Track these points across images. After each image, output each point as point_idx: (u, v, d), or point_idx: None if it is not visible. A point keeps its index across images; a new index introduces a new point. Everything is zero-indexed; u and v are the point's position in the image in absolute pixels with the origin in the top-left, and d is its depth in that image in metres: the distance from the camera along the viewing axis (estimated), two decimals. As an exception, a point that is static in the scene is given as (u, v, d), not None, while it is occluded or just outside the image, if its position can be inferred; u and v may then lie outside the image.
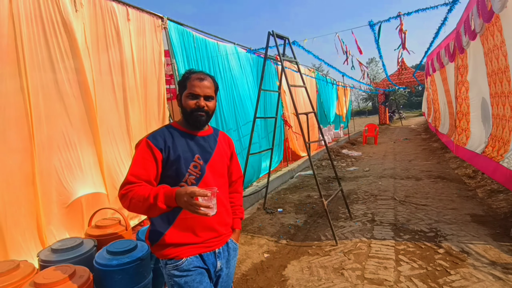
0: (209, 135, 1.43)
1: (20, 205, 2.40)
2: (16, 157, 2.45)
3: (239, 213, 1.56)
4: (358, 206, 4.37)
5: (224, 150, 1.47)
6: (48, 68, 2.75)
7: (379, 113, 21.66)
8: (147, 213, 1.21)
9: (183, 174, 1.28)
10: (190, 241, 1.30)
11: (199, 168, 1.32)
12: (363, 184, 5.68)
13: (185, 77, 1.37)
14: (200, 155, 1.34)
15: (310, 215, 4.24)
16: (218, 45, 5.24)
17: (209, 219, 1.30)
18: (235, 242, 1.47)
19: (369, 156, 8.98)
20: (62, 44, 2.85)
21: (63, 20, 2.86)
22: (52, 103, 2.77)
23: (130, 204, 1.18)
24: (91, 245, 1.90)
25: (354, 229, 3.54)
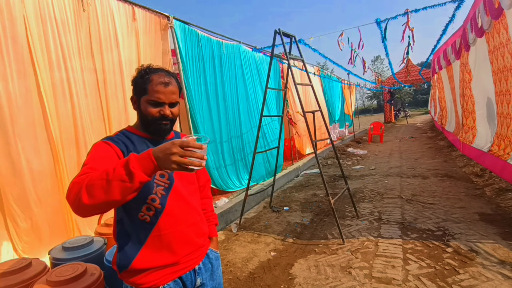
0: (172, 139, 1.17)
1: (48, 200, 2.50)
2: (40, 153, 2.55)
3: (213, 219, 1.42)
4: (364, 205, 4.36)
5: None
6: (60, 66, 2.78)
7: (385, 111, 21.53)
8: (115, 199, 0.86)
9: (151, 185, 1.10)
10: (166, 261, 1.12)
11: (166, 176, 1.15)
12: (369, 182, 5.66)
13: (144, 78, 1.14)
14: None
15: (317, 213, 4.24)
16: (223, 43, 5.24)
17: (187, 231, 1.17)
18: (215, 251, 1.34)
19: (375, 155, 8.93)
20: (71, 43, 2.88)
21: (71, 19, 2.89)
22: (62, 102, 2.81)
23: (87, 193, 0.84)
24: (101, 243, 1.92)
25: (361, 228, 3.53)
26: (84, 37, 3.01)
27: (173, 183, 1.16)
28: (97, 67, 3.13)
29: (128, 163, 0.87)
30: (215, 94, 4.93)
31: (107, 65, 3.23)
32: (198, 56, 4.52)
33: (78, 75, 2.94)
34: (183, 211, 1.18)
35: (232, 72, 5.45)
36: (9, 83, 2.42)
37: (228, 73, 5.33)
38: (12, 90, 2.43)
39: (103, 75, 3.19)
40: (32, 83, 2.59)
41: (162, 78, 1.15)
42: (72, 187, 0.89)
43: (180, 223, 1.16)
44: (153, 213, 1.11)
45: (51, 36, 2.73)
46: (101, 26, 3.18)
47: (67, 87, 2.83)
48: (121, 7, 3.41)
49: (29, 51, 2.60)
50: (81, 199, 0.85)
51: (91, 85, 3.07)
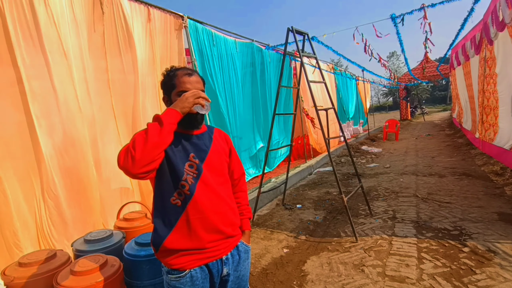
0: (203, 133, 1.35)
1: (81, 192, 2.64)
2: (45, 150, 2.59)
3: (247, 213, 1.48)
4: (378, 203, 4.31)
5: (221, 147, 1.38)
6: (78, 67, 2.86)
7: (400, 109, 21.06)
8: (155, 141, 1.08)
9: (181, 172, 1.22)
10: (192, 245, 1.22)
11: (195, 167, 1.25)
12: (383, 180, 5.59)
13: (170, 76, 1.30)
14: (195, 154, 1.26)
15: (329, 211, 4.23)
16: (236, 42, 5.28)
17: (214, 219, 1.25)
18: (246, 244, 1.41)
19: (390, 153, 8.79)
20: (88, 44, 2.97)
21: (92, 21, 2.99)
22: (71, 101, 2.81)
23: (133, 149, 1.05)
24: (120, 236, 2.00)
25: (375, 226, 3.51)
26: (102, 38, 3.11)
27: (201, 173, 1.26)
28: (114, 67, 3.22)
29: (155, 118, 1.13)
30: (229, 92, 4.99)
31: (126, 65, 3.32)
32: (212, 55, 4.57)
33: (95, 75, 3.03)
34: (211, 200, 1.26)
35: (244, 70, 5.50)
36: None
37: (241, 71, 5.37)
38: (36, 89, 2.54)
39: (122, 75, 3.29)
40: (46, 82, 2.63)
41: (185, 71, 1.30)
42: (120, 154, 1.09)
43: (207, 211, 1.25)
44: (183, 198, 1.22)
45: (70, 37, 2.81)
46: (118, 28, 3.26)
47: (85, 87, 2.92)
48: (137, 8, 3.49)
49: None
50: (128, 155, 1.05)
51: (107, 85, 3.17)
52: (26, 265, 1.57)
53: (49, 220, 2.44)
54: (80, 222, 2.68)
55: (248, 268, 1.43)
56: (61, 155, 2.62)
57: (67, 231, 2.54)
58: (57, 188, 2.52)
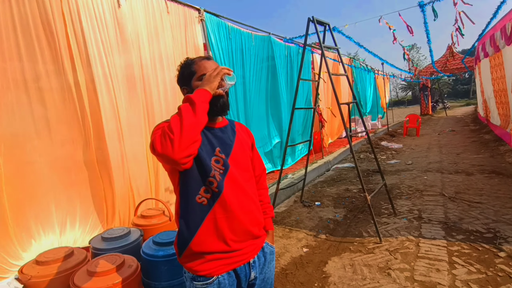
0: (226, 126, 1.27)
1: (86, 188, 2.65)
2: (67, 147, 2.63)
3: (270, 212, 1.40)
4: (402, 202, 4.12)
5: (244, 140, 1.30)
6: (97, 63, 2.83)
7: (421, 103, 20.34)
8: (191, 120, 1.01)
9: (209, 167, 1.12)
10: (220, 248, 1.14)
11: (221, 162, 1.16)
12: (406, 178, 5.36)
13: (187, 64, 1.23)
14: (220, 148, 1.18)
15: (350, 209, 4.08)
16: (253, 35, 5.17)
17: (242, 218, 1.17)
18: (271, 245, 1.33)
19: (411, 149, 8.47)
20: (109, 39, 2.93)
21: (108, 15, 2.94)
22: (93, 98, 2.84)
23: (169, 131, 0.98)
24: (137, 234, 1.95)
25: (399, 226, 3.34)
26: (120, 32, 3.05)
27: (228, 168, 1.17)
28: (133, 62, 3.18)
29: (185, 99, 1.06)
30: (244, 87, 4.90)
31: (144, 60, 3.27)
32: (228, 48, 4.47)
33: (115, 71, 2.99)
34: (239, 198, 1.18)
35: (261, 64, 5.38)
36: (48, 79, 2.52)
37: (256, 65, 5.26)
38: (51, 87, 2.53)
39: (141, 71, 3.24)
40: (70, 79, 2.67)
41: (203, 56, 1.25)
42: (153, 139, 1.02)
43: (235, 210, 1.16)
44: (210, 195, 1.14)
45: (87, 32, 2.78)
46: (136, 21, 3.22)
47: (103, 83, 2.87)
48: (154, 2, 3.42)
49: (68, 48, 2.67)
50: (166, 138, 0.98)
51: (127, 80, 3.13)
52: (43, 263, 1.54)
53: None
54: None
55: (273, 270, 1.36)
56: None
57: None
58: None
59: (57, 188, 2.53)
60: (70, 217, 2.57)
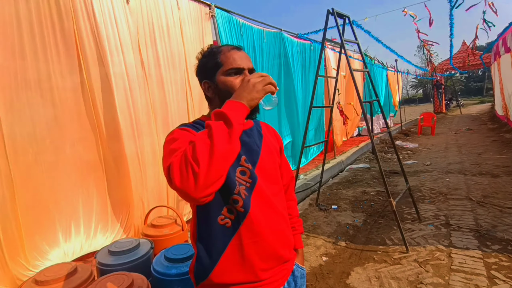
0: (252, 128, 1.05)
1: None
2: (78, 146, 2.59)
3: (299, 227, 1.19)
4: (425, 206, 3.87)
5: (272, 145, 1.09)
6: (108, 61, 2.73)
7: (434, 101, 19.80)
8: (228, 150, 0.77)
9: (233, 182, 0.92)
10: (246, 278, 0.94)
11: (248, 174, 0.95)
12: (426, 180, 5.09)
13: (212, 53, 0.99)
14: (246, 156, 0.97)
15: (369, 214, 3.85)
16: (264, 32, 5.00)
17: (273, 242, 0.97)
18: (301, 267, 1.13)
19: (428, 148, 8.15)
20: (117, 37, 2.80)
21: (115, 13, 2.79)
22: (107, 96, 2.77)
23: (193, 162, 0.73)
24: (147, 247, 1.77)
25: (426, 234, 3.10)
26: (129, 30, 2.91)
27: (255, 181, 0.96)
28: (143, 60, 3.04)
29: (218, 114, 0.80)
30: None
31: (153, 58, 3.14)
32: (240, 45, 4.30)
33: (124, 69, 2.85)
34: (268, 216, 0.98)
35: (272, 61, 5.21)
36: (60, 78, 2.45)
37: (268, 63, 5.09)
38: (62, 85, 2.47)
39: (149, 69, 3.11)
40: (81, 77, 2.62)
41: (232, 45, 1.01)
42: (172, 168, 0.76)
43: (265, 231, 0.95)
44: (235, 216, 0.94)
45: (96, 30, 2.67)
46: (145, 18, 3.07)
47: (113, 81, 2.76)
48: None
49: (76, 46, 2.58)
50: (189, 171, 0.73)
51: (139, 78, 2.99)
52: (43, 284, 1.37)
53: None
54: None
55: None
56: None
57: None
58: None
59: (71, 189, 2.53)
60: (85, 219, 2.58)
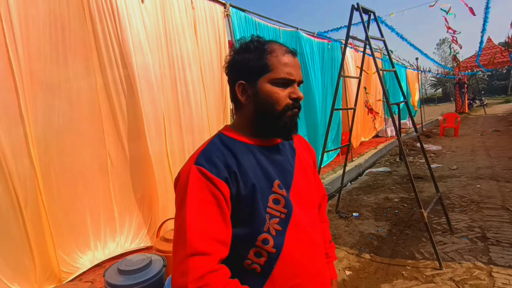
0: (283, 143, 0.89)
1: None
2: (89, 148, 2.57)
3: (332, 254, 1.04)
4: (456, 216, 3.59)
5: (306, 161, 0.93)
6: (119, 64, 2.68)
7: (456, 100, 19.02)
8: None
9: (262, 218, 0.75)
10: None
11: (282, 202, 0.78)
12: (454, 186, 4.77)
13: (259, 50, 0.79)
14: (280, 180, 0.80)
15: (394, 223, 3.61)
16: (280, 31, 4.86)
17: (311, 283, 0.81)
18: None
19: (452, 151, 7.74)
20: (131, 37, 2.71)
21: (133, 13, 2.71)
22: (121, 98, 2.74)
23: None
24: (160, 265, 1.63)
25: (461, 248, 2.84)
26: (145, 30, 2.81)
27: (291, 211, 0.79)
28: (160, 60, 2.97)
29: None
30: None
31: (168, 58, 3.06)
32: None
33: (143, 70, 2.78)
34: (306, 253, 0.80)
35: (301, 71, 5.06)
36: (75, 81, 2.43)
37: None
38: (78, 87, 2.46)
39: (169, 70, 3.05)
40: (97, 80, 2.60)
41: (285, 47, 0.82)
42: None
43: (303, 273, 0.79)
44: (265, 259, 0.76)
45: (113, 32, 2.61)
46: (160, 18, 2.98)
47: (126, 85, 2.71)
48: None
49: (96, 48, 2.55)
50: None
51: (156, 79, 2.90)
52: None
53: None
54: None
55: None
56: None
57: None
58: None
59: (92, 189, 2.57)
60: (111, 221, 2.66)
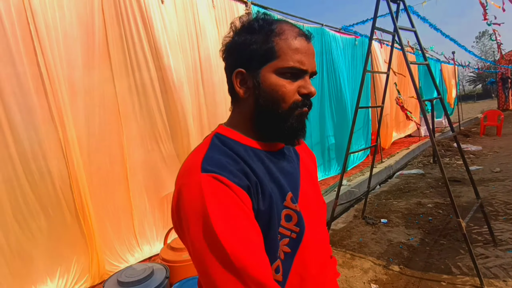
0: (288, 147, 0.75)
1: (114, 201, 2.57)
2: (121, 149, 2.62)
3: (334, 270, 0.87)
4: (500, 225, 3.20)
5: (311, 168, 0.79)
6: (142, 67, 2.69)
7: (499, 97, 17.56)
8: None
9: (277, 242, 0.62)
10: None
11: (295, 219, 0.65)
12: (497, 191, 4.30)
13: (266, 31, 0.64)
14: (293, 192, 0.67)
15: (427, 231, 3.29)
16: (304, 28, 4.66)
17: None
18: None
19: (494, 152, 7.08)
20: (152, 38, 2.71)
21: (150, 14, 2.68)
22: (143, 101, 2.75)
23: None
24: (162, 276, 1.53)
25: (506, 263, 2.50)
26: (165, 30, 2.77)
27: (304, 229, 0.65)
28: (186, 62, 2.96)
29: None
30: None
31: (192, 59, 3.03)
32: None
33: (158, 74, 2.77)
34: (318, 278, 0.67)
35: (316, 59, 4.85)
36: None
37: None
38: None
39: (193, 72, 3.04)
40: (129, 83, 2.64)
41: (297, 29, 0.65)
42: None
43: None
44: None
45: (129, 34, 2.60)
46: (181, 18, 2.94)
47: (141, 89, 2.71)
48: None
49: (108, 53, 2.52)
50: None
51: (173, 83, 2.85)
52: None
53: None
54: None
55: None
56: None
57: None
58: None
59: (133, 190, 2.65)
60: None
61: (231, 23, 0.68)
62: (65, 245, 2.16)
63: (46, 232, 2.07)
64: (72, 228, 2.18)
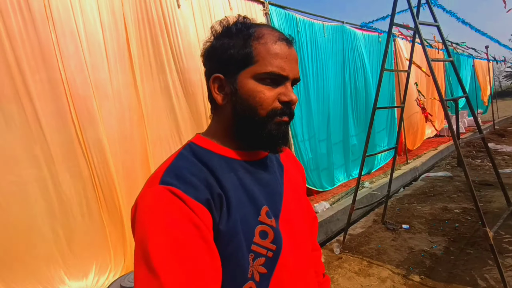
0: (270, 157, 0.70)
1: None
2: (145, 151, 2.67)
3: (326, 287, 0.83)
4: (536, 235, 2.95)
5: (296, 180, 0.74)
6: (164, 70, 2.75)
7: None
8: None
9: (246, 261, 0.56)
10: None
11: (271, 236, 0.59)
12: (534, 196, 3.97)
13: (245, 34, 0.60)
14: (269, 206, 0.62)
15: (453, 239, 3.09)
16: (324, 26, 4.59)
17: None
18: None
19: (533, 153, 6.57)
20: (174, 44, 2.79)
21: (166, 18, 2.73)
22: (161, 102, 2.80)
23: None
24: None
25: (540, 277, 2.29)
26: (178, 36, 2.81)
27: (281, 247, 0.60)
28: (198, 67, 2.96)
29: None
30: (317, 84, 4.37)
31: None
32: (298, 43, 3.98)
33: (176, 77, 2.82)
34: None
35: (335, 57, 4.77)
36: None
37: (331, 59, 4.68)
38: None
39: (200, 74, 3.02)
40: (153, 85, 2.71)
41: (278, 33, 0.62)
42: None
43: None
44: None
45: (149, 38, 2.67)
46: (198, 21, 2.98)
47: (165, 91, 2.76)
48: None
49: (129, 56, 2.56)
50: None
51: (192, 87, 2.91)
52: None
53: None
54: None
55: None
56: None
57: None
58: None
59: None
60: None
61: (211, 27, 0.65)
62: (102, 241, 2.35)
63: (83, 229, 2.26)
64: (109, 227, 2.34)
